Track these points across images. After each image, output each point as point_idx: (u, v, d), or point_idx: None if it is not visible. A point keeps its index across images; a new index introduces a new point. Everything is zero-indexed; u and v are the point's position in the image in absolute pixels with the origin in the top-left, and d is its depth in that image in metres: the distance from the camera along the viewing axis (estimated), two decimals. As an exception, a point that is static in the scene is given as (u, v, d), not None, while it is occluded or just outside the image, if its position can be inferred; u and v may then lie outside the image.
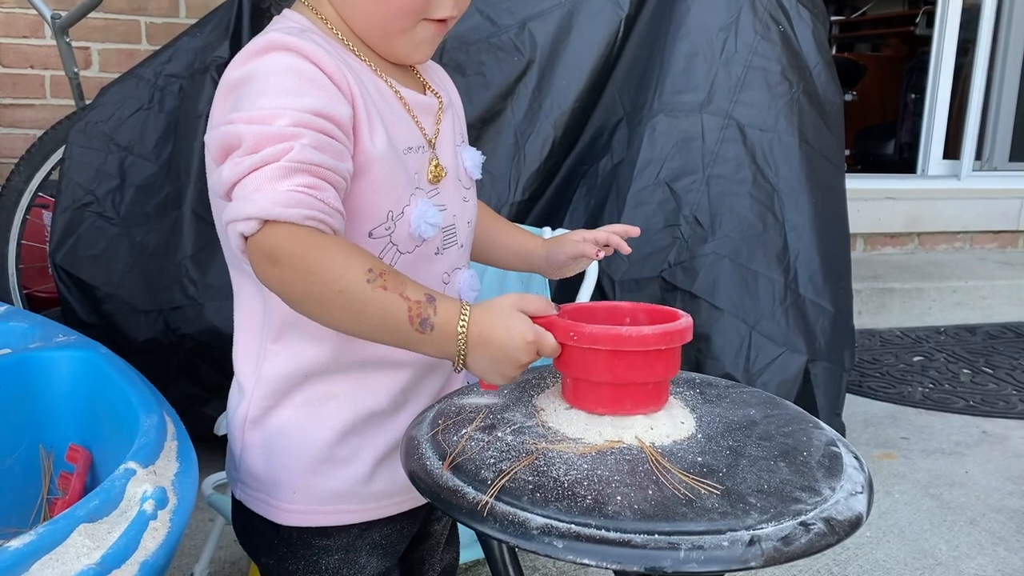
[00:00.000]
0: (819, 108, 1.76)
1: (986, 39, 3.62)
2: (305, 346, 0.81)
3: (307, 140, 0.70)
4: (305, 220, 0.69)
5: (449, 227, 0.86)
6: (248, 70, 0.74)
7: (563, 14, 1.74)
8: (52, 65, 2.60)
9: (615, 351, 0.72)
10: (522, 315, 0.74)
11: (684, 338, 0.74)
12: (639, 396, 0.73)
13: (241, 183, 0.69)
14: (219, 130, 0.72)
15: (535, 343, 0.73)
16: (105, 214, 1.84)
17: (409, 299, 0.71)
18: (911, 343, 2.88)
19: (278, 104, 0.71)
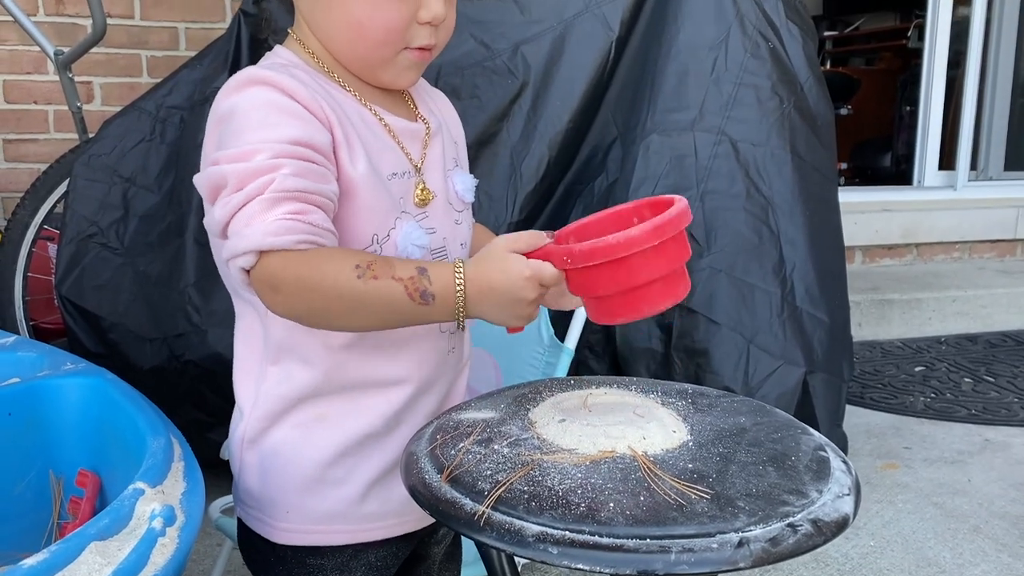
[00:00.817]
0: (811, 122, 1.78)
1: (976, 51, 3.66)
2: (299, 369, 0.83)
3: (287, 169, 0.73)
4: (297, 245, 0.72)
5: (439, 249, 0.87)
6: (230, 105, 0.77)
7: (555, 37, 1.78)
8: (55, 100, 2.65)
9: (611, 261, 0.70)
10: (515, 255, 0.75)
11: (678, 225, 0.72)
12: (655, 292, 0.72)
13: (233, 220, 0.73)
14: (207, 172, 0.75)
15: (534, 276, 0.74)
16: (109, 245, 1.87)
17: (402, 279, 0.73)
18: (912, 353, 2.90)
19: (257, 139, 0.74)
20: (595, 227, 0.79)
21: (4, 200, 2.68)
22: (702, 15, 1.77)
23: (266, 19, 1.90)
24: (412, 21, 0.80)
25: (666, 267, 0.72)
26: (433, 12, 0.80)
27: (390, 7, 0.79)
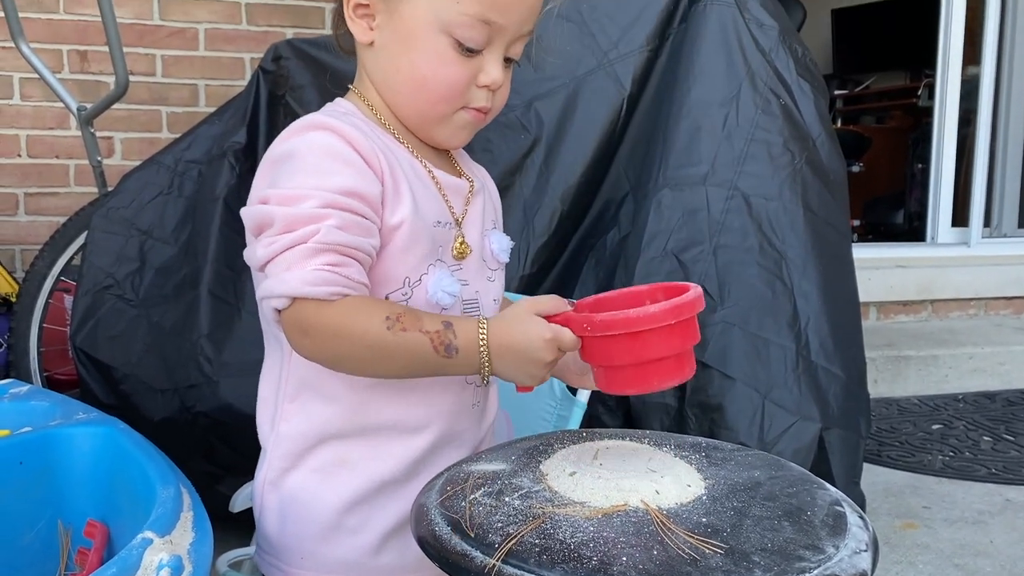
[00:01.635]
0: (823, 177, 1.79)
1: (987, 110, 3.68)
2: (321, 406, 0.85)
3: (333, 221, 0.76)
4: (330, 296, 0.76)
5: (471, 300, 0.90)
6: (289, 146, 0.81)
7: (568, 93, 1.80)
8: (76, 154, 2.70)
9: (628, 334, 0.74)
10: (537, 317, 0.78)
11: (694, 309, 0.77)
12: (664, 370, 0.77)
13: (273, 261, 0.77)
14: (255, 208, 0.78)
15: (554, 340, 0.77)
16: (125, 296, 1.89)
17: (429, 332, 0.77)
18: (929, 411, 2.86)
19: (310, 184, 0.77)
20: (611, 302, 0.85)
21: (23, 252, 2.71)
22: (713, 72, 1.79)
23: (284, 76, 1.94)
24: (472, 83, 0.86)
25: (679, 346, 0.77)
26: (491, 77, 0.86)
27: (454, 67, 0.84)
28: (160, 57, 2.79)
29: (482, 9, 0.82)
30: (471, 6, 0.82)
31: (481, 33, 0.83)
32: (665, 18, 1.89)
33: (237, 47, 2.85)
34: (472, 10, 0.82)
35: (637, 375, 0.77)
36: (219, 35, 2.84)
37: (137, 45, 2.75)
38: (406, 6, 0.84)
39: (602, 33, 1.87)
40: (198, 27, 2.81)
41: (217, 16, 2.83)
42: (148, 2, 2.77)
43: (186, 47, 2.81)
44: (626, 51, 1.87)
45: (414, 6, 0.83)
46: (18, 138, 2.70)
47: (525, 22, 0.87)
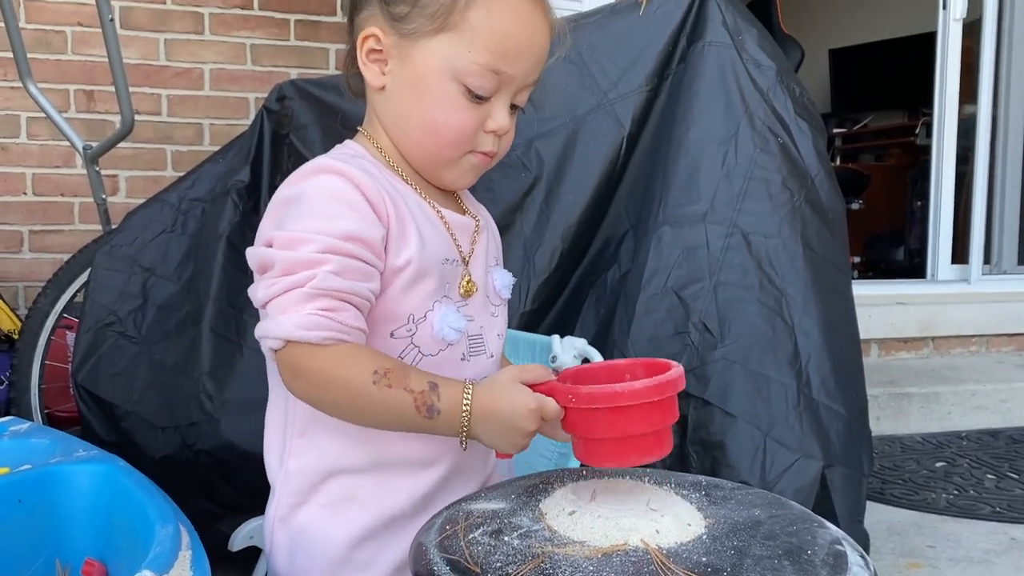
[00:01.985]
0: (822, 215, 1.80)
1: (984, 148, 3.71)
2: (330, 439, 0.86)
3: (330, 267, 0.78)
4: (323, 340, 0.77)
5: (476, 336, 0.92)
6: (297, 190, 0.83)
7: (568, 133, 1.82)
8: (81, 192, 2.72)
9: (612, 408, 0.76)
10: (522, 386, 0.80)
11: (676, 387, 0.79)
12: (643, 445, 0.78)
13: (272, 303, 0.79)
14: (259, 249, 0.81)
15: (537, 410, 0.79)
16: (127, 333, 1.89)
17: (413, 391, 0.78)
18: (932, 448, 2.84)
19: (312, 228, 0.80)
20: (592, 374, 0.87)
21: (27, 289, 2.72)
22: (711, 112, 1.81)
23: (288, 115, 1.97)
24: (480, 128, 0.89)
25: (659, 423, 0.79)
26: (499, 123, 0.89)
27: (464, 113, 0.87)
28: (166, 97, 2.83)
29: (492, 59, 0.85)
30: (482, 56, 0.85)
31: (490, 82, 0.86)
32: (664, 59, 1.91)
33: (242, 87, 2.89)
34: (483, 60, 0.85)
35: (617, 449, 0.78)
36: (224, 75, 2.87)
37: (143, 85, 2.78)
38: (419, 53, 0.86)
39: (601, 73, 1.90)
40: (203, 67, 2.85)
41: (222, 57, 2.87)
42: (154, 43, 2.81)
43: (191, 87, 2.85)
44: (625, 91, 1.89)
45: (427, 54, 0.86)
46: (24, 176, 2.73)
47: (531, 72, 0.90)
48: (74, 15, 2.72)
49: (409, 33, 0.86)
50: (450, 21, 0.84)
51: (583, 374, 0.87)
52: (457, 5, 0.84)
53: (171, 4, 2.81)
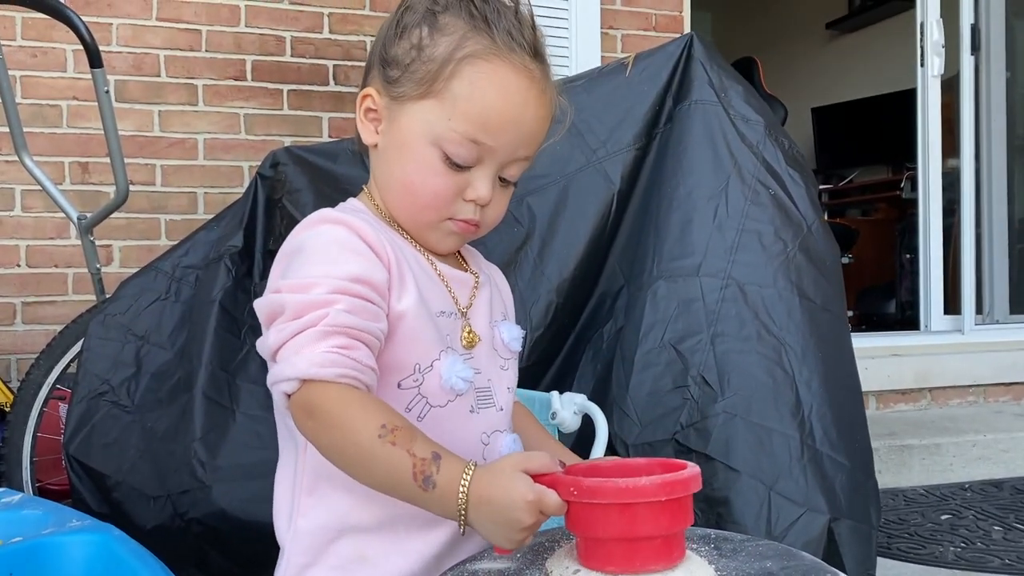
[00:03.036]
0: (818, 264, 1.80)
1: (969, 200, 3.75)
2: (339, 497, 0.85)
3: (342, 305, 0.78)
4: (339, 378, 0.76)
5: (484, 389, 0.91)
6: (300, 240, 0.85)
7: (559, 189, 1.85)
8: (75, 263, 2.72)
9: (616, 504, 0.71)
10: (523, 475, 0.74)
11: (688, 488, 0.73)
12: (650, 551, 0.72)
13: (284, 347, 0.78)
14: (267, 297, 0.81)
15: (536, 502, 0.73)
16: (120, 403, 1.87)
17: (415, 456, 0.75)
18: (936, 501, 2.81)
19: (319, 272, 0.80)
20: (604, 470, 0.81)
21: (19, 361, 2.70)
22: (700, 168, 1.83)
23: (281, 181, 1.98)
24: (459, 196, 0.89)
25: (668, 527, 0.73)
26: (478, 193, 0.88)
27: (441, 178, 0.88)
28: (160, 167, 2.85)
29: (472, 129, 0.86)
30: (460, 124, 0.86)
31: (469, 151, 0.87)
32: (651, 118, 1.95)
33: (235, 156, 2.92)
34: (461, 128, 0.86)
35: (620, 552, 0.72)
36: (218, 144, 2.90)
37: (138, 156, 2.80)
38: (404, 116, 0.89)
39: (590, 133, 1.92)
40: (197, 137, 2.88)
41: (216, 127, 2.90)
42: (149, 115, 2.84)
43: (185, 156, 2.87)
44: (614, 150, 1.92)
45: (411, 117, 0.88)
46: (18, 248, 2.73)
47: (519, 148, 0.89)
48: (69, 89, 2.76)
49: (399, 96, 0.88)
50: (434, 88, 0.86)
51: (595, 470, 0.81)
52: (442, 74, 0.86)
53: (165, 76, 2.86)
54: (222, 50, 2.90)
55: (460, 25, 0.87)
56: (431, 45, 0.86)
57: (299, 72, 2.99)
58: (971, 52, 3.73)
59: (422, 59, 0.87)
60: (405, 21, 0.89)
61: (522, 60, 0.87)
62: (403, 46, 0.88)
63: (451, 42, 0.86)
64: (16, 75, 2.67)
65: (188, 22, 2.87)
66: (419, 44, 0.87)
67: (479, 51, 0.86)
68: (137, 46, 2.83)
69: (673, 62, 1.95)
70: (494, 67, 0.86)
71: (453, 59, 0.85)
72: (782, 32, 6.58)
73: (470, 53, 0.85)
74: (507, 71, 0.86)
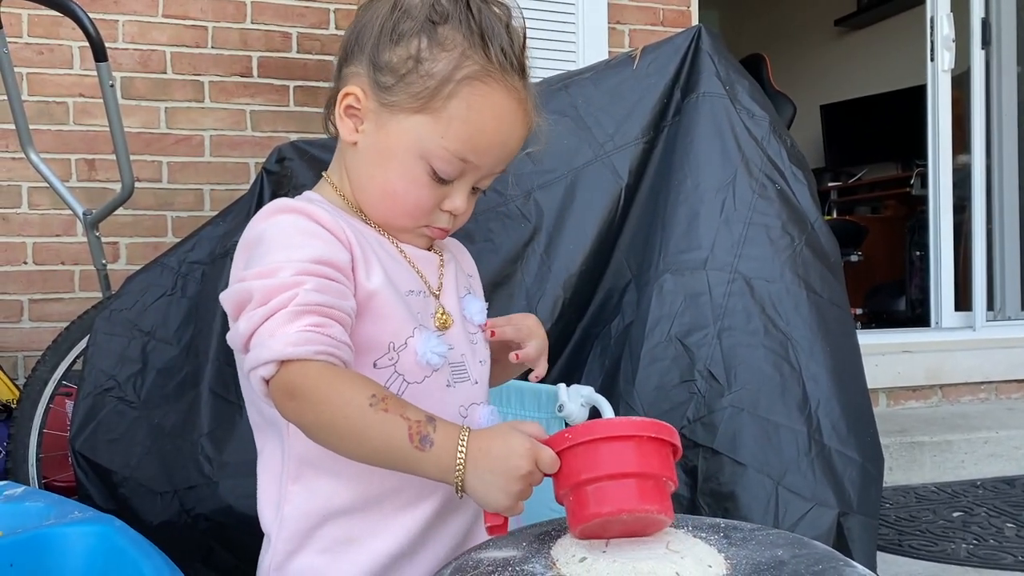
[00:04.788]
0: (824, 259, 1.79)
1: (980, 196, 3.72)
2: (324, 482, 0.85)
3: (310, 285, 0.78)
4: (316, 355, 0.76)
5: (458, 363, 0.92)
6: (258, 231, 0.85)
7: (566, 184, 1.83)
8: (82, 260, 2.72)
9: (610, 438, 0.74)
10: (519, 431, 0.77)
11: (672, 433, 0.77)
12: (646, 490, 0.74)
13: (256, 332, 0.78)
14: (232, 287, 0.80)
15: (532, 450, 0.75)
16: (126, 398, 1.87)
17: (409, 419, 0.76)
18: (948, 498, 2.78)
19: (282, 258, 0.80)
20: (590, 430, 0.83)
21: (26, 359, 2.70)
22: (708, 160, 1.82)
23: (287, 176, 1.97)
24: (437, 206, 0.91)
25: (658, 467, 0.75)
26: (455, 204, 0.91)
27: (424, 190, 0.89)
28: (166, 164, 2.85)
29: (462, 148, 0.87)
30: (453, 143, 0.87)
31: (456, 168, 0.88)
32: (659, 111, 1.93)
33: (242, 152, 2.92)
34: (453, 147, 0.87)
35: (616, 491, 0.74)
36: (224, 141, 2.90)
37: (144, 153, 2.80)
38: (394, 124, 0.88)
39: (597, 126, 1.91)
40: (204, 134, 2.88)
41: (223, 123, 2.90)
42: (155, 111, 2.84)
43: (192, 154, 2.87)
44: (622, 143, 1.90)
45: (402, 128, 0.88)
46: (24, 246, 2.73)
47: (499, 164, 0.92)
48: (76, 86, 2.76)
49: (390, 104, 0.88)
50: (431, 105, 0.86)
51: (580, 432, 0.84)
52: (441, 92, 0.86)
53: (172, 73, 2.86)
54: (228, 46, 2.90)
55: (459, 40, 0.86)
56: (431, 60, 0.86)
57: (305, 68, 2.98)
58: (982, 47, 3.70)
59: (419, 73, 0.86)
60: (402, 28, 0.87)
61: (513, 81, 0.88)
62: (399, 54, 0.87)
63: (451, 60, 0.86)
64: (22, 72, 2.67)
65: (194, 19, 2.87)
66: (417, 56, 0.86)
67: (477, 72, 0.86)
68: (143, 43, 2.83)
69: (681, 54, 1.93)
70: (491, 90, 0.87)
71: (453, 79, 0.86)
72: (790, 29, 6.55)
73: (469, 74, 0.86)
74: (502, 95, 0.88)
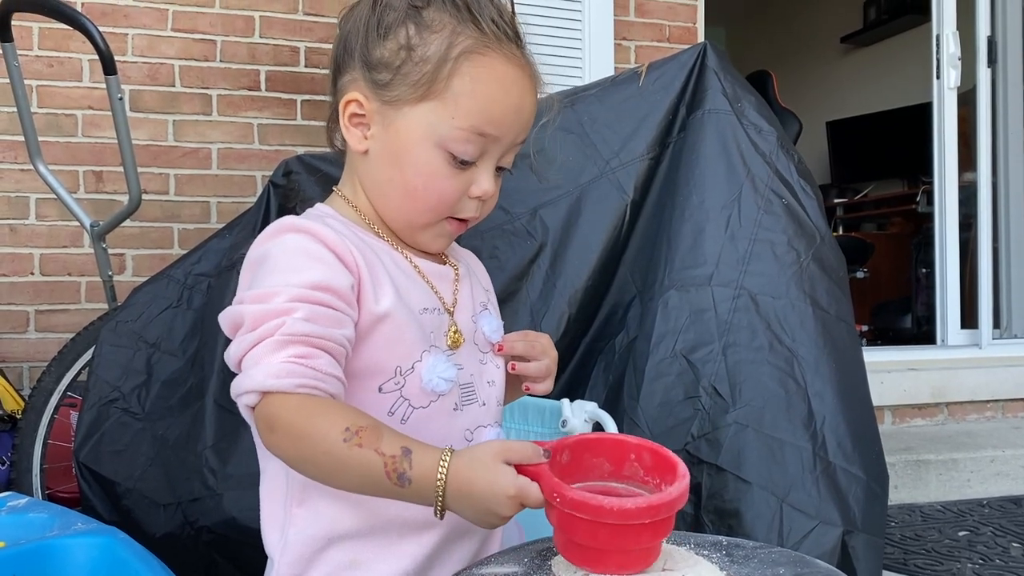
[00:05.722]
0: (831, 274, 1.79)
1: (986, 214, 3.72)
2: (329, 505, 0.83)
3: (300, 313, 0.76)
4: (297, 388, 0.74)
5: (467, 385, 0.89)
6: (263, 250, 0.83)
7: (572, 201, 1.84)
8: (88, 272, 2.73)
9: (596, 522, 0.69)
10: (505, 467, 0.73)
11: (673, 509, 0.71)
12: (625, 561, 0.72)
13: (244, 358, 0.77)
14: (229, 309, 0.80)
15: (517, 497, 0.72)
16: (130, 410, 1.87)
17: (384, 454, 0.73)
18: (954, 517, 2.77)
19: (280, 281, 0.79)
20: (593, 447, 0.79)
21: (32, 369, 2.70)
22: (714, 177, 1.82)
23: (294, 189, 1.98)
24: (463, 195, 0.88)
25: (647, 542, 0.72)
26: (483, 188, 0.88)
27: (447, 180, 0.86)
28: (173, 176, 2.86)
29: (477, 122, 0.85)
30: (466, 120, 0.84)
31: (476, 146, 0.86)
32: (664, 128, 1.94)
33: (249, 165, 2.93)
34: (467, 124, 0.84)
35: (596, 557, 0.72)
36: (232, 154, 2.91)
37: (151, 165, 2.82)
38: (402, 121, 0.86)
39: (603, 143, 1.92)
40: (211, 147, 2.90)
41: (230, 136, 2.91)
42: (163, 124, 2.86)
43: (199, 166, 2.88)
44: (627, 159, 1.91)
45: (409, 120, 0.86)
46: (32, 257, 2.74)
47: (519, 133, 0.89)
48: (85, 99, 2.78)
49: (392, 100, 0.86)
50: (433, 89, 0.84)
51: (583, 445, 0.79)
52: (440, 74, 0.84)
53: (180, 87, 2.87)
54: (236, 60, 2.92)
55: (447, 19, 0.84)
56: (422, 44, 0.84)
57: (313, 82, 3.00)
58: (988, 65, 3.71)
59: (414, 60, 0.84)
60: (387, 21, 0.85)
61: (511, 50, 0.86)
62: (389, 47, 0.85)
63: (442, 39, 0.84)
64: (33, 85, 2.69)
65: (203, 32, 2.89)
66: (408, 44, 0.84)
67: (473, 45, 0.84)
68: (152, 56, 2.85)
69: (687, 71, 1.94)
70: (490, 60, 0.85)
71: (449, 57, 0.83)
72: (797, 46, 6.57)
73: (465, 49, 0.84)
74: (502, 62, 0.85)
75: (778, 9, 6.77)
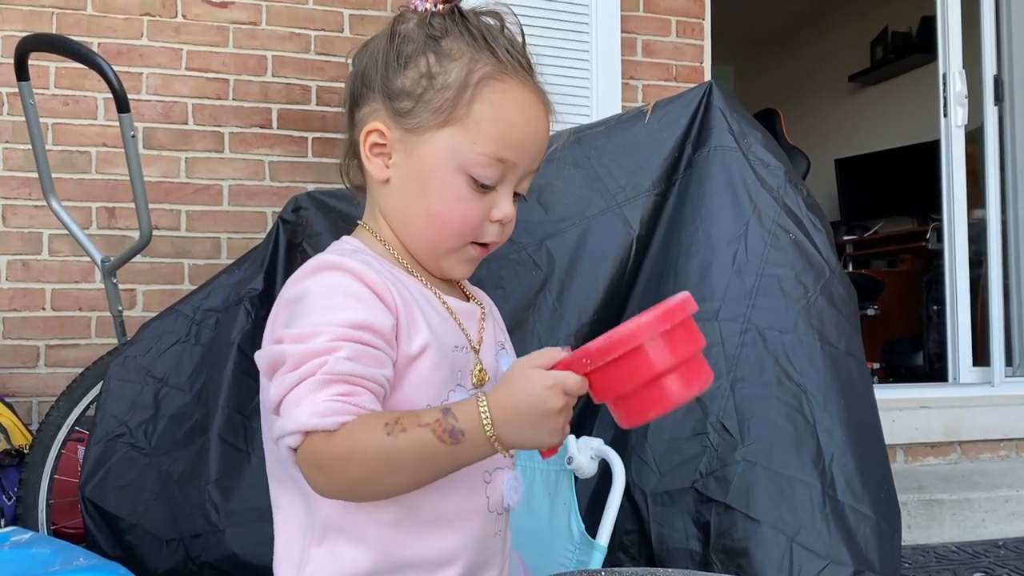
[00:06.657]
0: (840, 309, 1.78)
1: (996, 251, 3.71)
2: (348, 548, 0.83)
3: (343, 353, 0.76)
4: (340, 427, 0.75)
5: None
6: (302, 288, 0.83)
7: (578, 233, 1.84)
8: (99, 307, 2.75)
9: (630, 352, 0.72)
10: (534, 370, 0.76)
11: (685, 310, 0.76)
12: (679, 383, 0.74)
13: (285, 399, 0.76)
14: (268, 348, 0.79)
15: (556, 384, 0.74)
16: (137, 445, 1.87)
17: (429, 423, 0.75)
18: (969, 558, 2.72)
19: (321, 321, 0.79)
20: None
21: (40, 404, 2.71)
22: (720, 213, 1.83)
23: (303, 225, 2.00)
24: (485, 218, 0.90)
25: (682, 352, 0.75)
26: (504, 211, 0.90)
27: (470, 204, 0.88)
28: (184, 212, 2.89)
29: (497, 148, 0.87)
30: (487, 146, 0.87)
31: (496, 170, 0.88)
32: (670, 165, 1.95)
33: (259, 202, 2.96)
34: (488, 149, 0.87)
35: (652, 396, 0.74)
36: (243, 191, 2.95)
37: (163, 201, 2.85)
38: (424, 147, 0.88)
39: (609, 177, 1.93)
40: (222, 184, 2.93)
41: (241, 173, 2.95)
42: (175, 161, 2.89)
43: (210, 203, 2.91)
44: (633, 194, 1.92)
45: (432, 147, 0.88)
46: (43, 292, 2.76)
47: (535, 159, 0.92)
48: (99, 136, 2.82)
49: (414, 127, 0.88)
50: (455, 115, 0.87)
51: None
52: (462, 99, 0.86)
53: (193, 124, 2.92)
54: (249, 99, 2.96)
55: (464, 48, 0.88)
56: (443, 72, 0.87)
57: (324, 120, 3.04)
58: (994, 103, 3.72)
59: (435, 87, 0.87)
60: (407, 52, 0.88)
61: (526, 77, 0.90)
62: (410, 76, 0.88)
63: (462, 67, 0.87)
64: (48, 122, 2.73)
65: (216, 71, 2.94)
66: (429, 72, 0.87)
67: (491, 72, 0.87)
68: (166, 94, 2.89)
69: (692, 109, 1.96)
70: (508, 86, 0.88)
71: (470, 83, 0.86)
72: (804, 85, 6.62)
73: (485, 75, 0.87)
74: (519, 89, 0.89)
75: (786, 48, 6.83)
